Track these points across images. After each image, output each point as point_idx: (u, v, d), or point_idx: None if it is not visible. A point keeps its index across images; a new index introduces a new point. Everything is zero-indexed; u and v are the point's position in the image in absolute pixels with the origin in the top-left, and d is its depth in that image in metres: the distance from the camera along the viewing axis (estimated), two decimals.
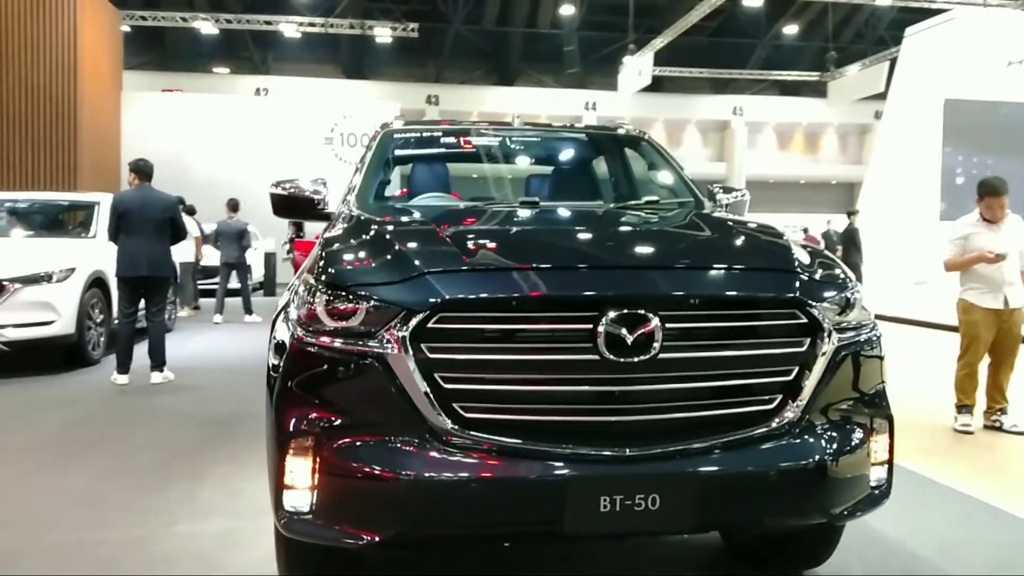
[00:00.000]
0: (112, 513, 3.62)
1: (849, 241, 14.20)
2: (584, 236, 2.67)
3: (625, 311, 2.02)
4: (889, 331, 2.58)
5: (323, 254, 2.35)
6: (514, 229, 2.76)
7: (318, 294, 2.15)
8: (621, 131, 4.28)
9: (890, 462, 2.36)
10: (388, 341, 2.01)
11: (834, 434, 2.23)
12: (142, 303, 6.77)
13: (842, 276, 2.40)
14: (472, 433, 2.02)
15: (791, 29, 31.26)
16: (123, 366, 6.63)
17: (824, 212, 24.71)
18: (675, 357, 2.07)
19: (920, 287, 14.47)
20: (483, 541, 2.53)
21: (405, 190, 3.91)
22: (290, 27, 25.49)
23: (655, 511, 2.01)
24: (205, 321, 11.54)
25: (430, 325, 2.01)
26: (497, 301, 2.05)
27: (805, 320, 2.19)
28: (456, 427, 2.02)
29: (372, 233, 2.50)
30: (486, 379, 2.03)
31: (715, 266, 2.31)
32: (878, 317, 2.61)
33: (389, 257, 2.25)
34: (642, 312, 2.03)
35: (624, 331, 2.01)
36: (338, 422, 2.07)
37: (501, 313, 2.05)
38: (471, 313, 2.04)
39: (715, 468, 2.08)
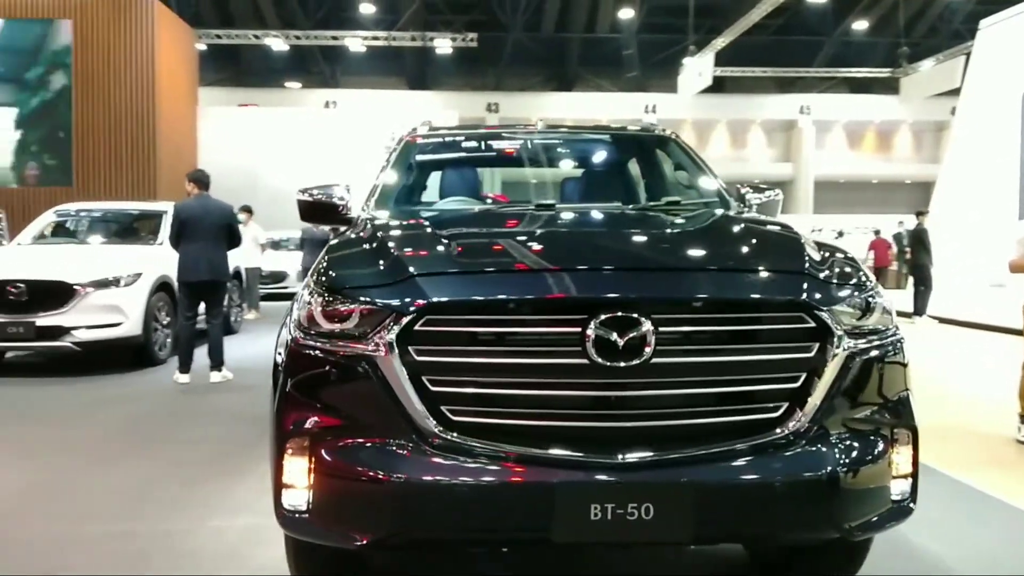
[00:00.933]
0: (152, 506, 3.78)
1: (918, 242, 13.67)
2: (584, 238, 2.63)
3: (616, 314, 1.96)
4: (962, 336, 2.49)
5: (324, 258, 2.40)
6: (514, 232, 2.70)
7: (315, 297, 2.18)
8: (648, 132, 4.19)
9: (914, 475, 2.24)
10: (377, 343, 2.01)
11: (847, 445, 2.11)
12: (202, 306, 7.11)
13: (860, 278, 2.30)
14: (460, 437, 2.00)
15: (860, 24, 30.33)
16: (185, 366, 6.98)
17: (898, 213, 23.86)
18: (671, 362, 2.00)
19: (996, 290, 13.83)
20: (472, 546, 2.50)
21: (428, 194, 3.97)
22: (355, 41, 26.18)
23: (649, 521, 1.93)
24: (273, 324, 11.94)
25: (417, 327, 2.00)
26: (484, 303, 2.04)
27: (813, 324, 2.08)
28: (443, 430, 2.00)
29: (372, 237, 2.52)
30: (474, 382, 2.01)
31: (716, 268, 2.26)
32: (950, 321, 2.51)
33: (383, 261, 2.26)
34: (634, 315, 1.97)
35: (615, 335, 1.95)
36: (333, 423, 2.09)
37: (488, 316, 2.03)
38: (458, 316, 2.03)
39: (713, 478, 1.99)
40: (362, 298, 2.10)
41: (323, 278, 2.25)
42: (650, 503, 1.93)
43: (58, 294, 7.01)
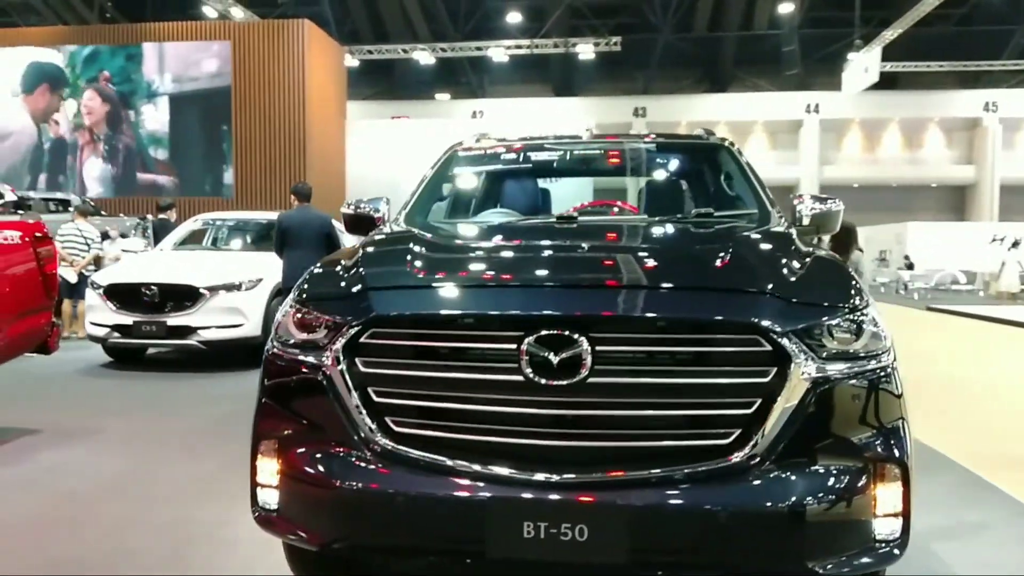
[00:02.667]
0: (215, 496, 3.82)
1: None
2: (555, 254, 2.57)
3: (550, 332, 1.93)
4: None
5: (311, 269, 2.49)
6: (484, 248, 2.72)
7: (288, 308, 2.28)
8: (699, 140, 3.95)
9: (905, 514, 2.00)
10: (329, 354, 2.09)
11: (812, 477, 1.95)
12: None
13: (847, 300, 2.11)
14: (401, 448, 2.03)
15: None
16: None
17: None
18: (609, 382, 1.93)
19: None
20: (411, 557, 2.45)
21: (462, 207, 3.90)
22: (498, 51, 26.53)
23: (583, 543, 1.89)
24: None
25: (363, 340, 2.06)
26: (425, 318, 2.08)
27: (769, 348, 1.94)
28: (386, 440, 2.04)
29: (354, 251, 2.57)
30: (415, 395, 2.05)
31: (666, 286, 2.14)
32: None
33: (348, 274, 2.32)
34: (568, 333, 1.93)
35: (549, 353, 1.93)
36: (296, 429, 2.18)
37: (429, 330, 2.06)
38: (401, 329, 2.07)
39: (651, 503, 1.90)
40: (322, 310, 2.18)
41: (297, 290, 2.34)
42: (584, 524, 1.90)
43: (187, 296, 7.43)
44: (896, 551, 1.99)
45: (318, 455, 2.10)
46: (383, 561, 2.87)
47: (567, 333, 1.93)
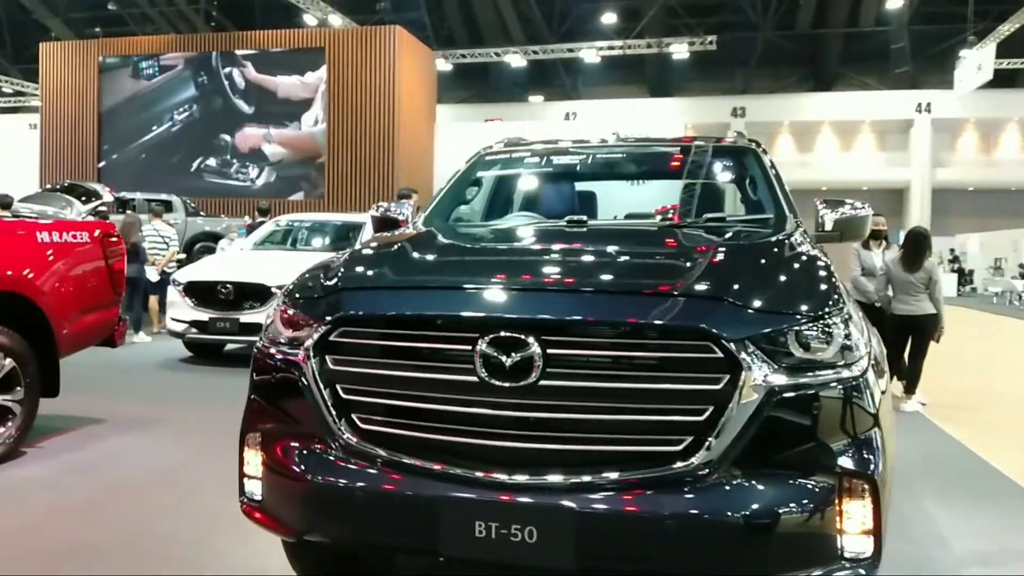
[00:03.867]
0: None
1: None
2: (520, 259, 2.65)
3: (502, 334, 1.96)
4: None
5: (304, 269, 2.58)
6: (465, 251, 2.77)
7: (278, 306, 2.38)
8: (725, 144, 3.90)
9: (876, 532, 1.92)
10: (303, 351, 2.17)
11: (766, 489, 1.91)
12: None
13: (810, 308, 2.04)
14: (365, 444, 2.09)
15: None
16: None
17: None
18: (559, 385, 1.94)
19: None
20: (372, 551, 2.55)
21: (483, 209, 3.97)
22: (590, 52, 26.37)
23: (532, 545, 1.91)
24: None
25: (332, 338, 2.14)
26: (387, 318, 2.15)
27: (721, 355, 1.90)
28: (351, 437, 2.10)
29: (355, 250, 2.66)
30: (379, 393, 2.10)
31: (621, 291, 2.13)
32: None
33: (330, 274, 2.39)
34: (519, 336, 1.95)
35: (501, 355, 1.95)
36: (276, 423, 2.28)
37: (391, 330, 2.12)
38: (366, 328, 2.15)
39: (599, 508, 1.90)
40: (301, 309, 2.28)
41: (286, 290, 2.45)
42: (533, 527, 1.91)
43: (258, 294, 7.75)
44: (866, 571, 1.92)
45: (293, 449, 2.19)
46: (380, 560, 2.97)
47: (518, 336, 1.95)
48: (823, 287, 2.19)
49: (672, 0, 27.90)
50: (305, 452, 2.16)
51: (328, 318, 2.15)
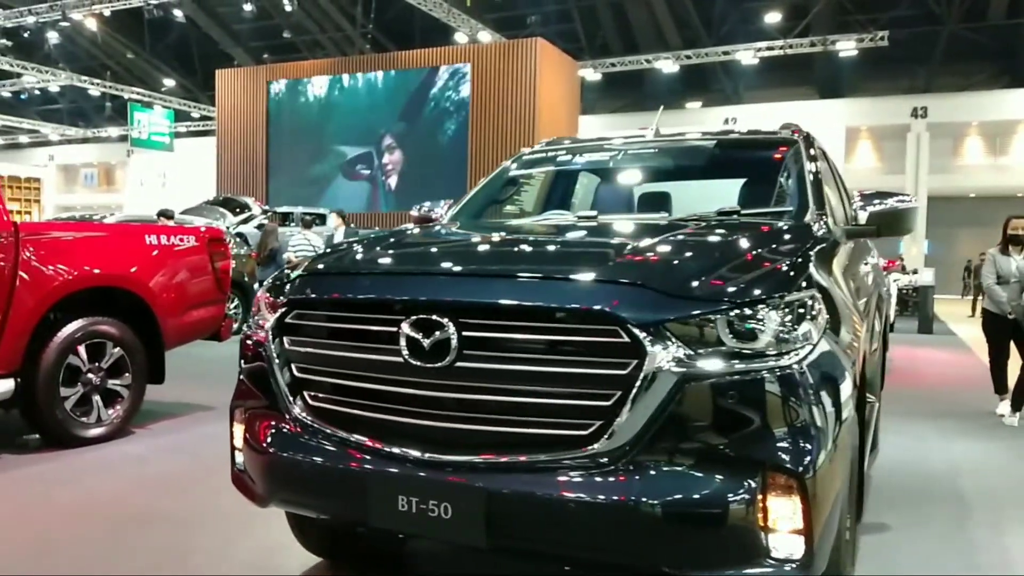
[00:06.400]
0: None
1: None
2: (469, 248, 2.76)
3: (421, 316, 2.05)
4: None
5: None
6: (426, 242, 2.86)
7: (263, 291, 2.53)
8: (764, 136, 3.83)
9: (807, 532, 1.83)
10: (266, 332, 2.37)
11: (675, 478, 1.87)
12: None
13: (742, 295, 1.96)
14: (313, 420, 2.26)
15: None
16: None
17: None
18: (474, 367, 2.01)
19: None
20: (322, 520, 2.70)
21: (514, 207, 4.05)
22: (747, 54, 25.36)
23: (447, 520, 2.00)
24: None
25: (288, 320, 2.32)
26: (329, 301, 2.30)
27: (627, 340, 1.88)
28: (302, 413, 2.27)
29: (336, 243, 2.79)
30: (324, 371, 2.26)
31: (539, 275, 2.11)
32: None
33: (307, 262, 2.57)
34: (435, 318, 2.03)
35: (420, 336, 2.04)
36: (251, 399, 2.47)
37: (333, 312, 2.27)
38: (313, 310, 2.31)
39: (507, 487, 1.95)
40: (271, 294, 2.45)
41: (272, 277, 2.62)
42: (448, 503, 2.00)
43: None
44: (793, 574, 1.84)
45: (260, 424, 2.39)
46: (381, 538, 3.11)
47: (435, 318, 2.03)
48: (771, 276, 2.10)
49: None
50: (269, 426, 2.35)
51: (286, 301, 2.34)
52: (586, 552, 1.96)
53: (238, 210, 12.64)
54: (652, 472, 1.88)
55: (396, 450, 2.10)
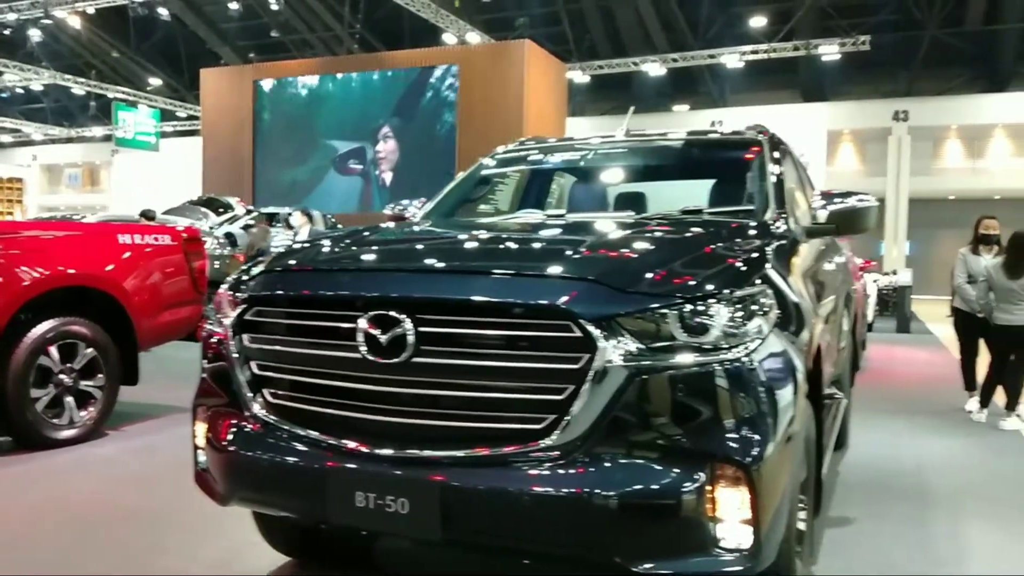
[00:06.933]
0: None
1: None
2: (430, 245, 2.77)
3: (378, 312, 2.06)
4: None
5: None
6: (386, 240, 2.84)
7: (224, 288, 2.52)
8: (729, 136, 3.89)
9: (755, 523, 1.88)
10: (227, 328, 2.37)
11: (626, 470, 1.91)
12: None
13: (691, 290, 2.00)
14: (273, 417, 2.26)
15: None
16: None
17: None
18: (431, 362, 2.02)
19: None
20: (284, 518, 2.69)
21: (484, 206, 4.07)
22: (732, 58, 25.50)
23: (404, 515, 2.02)
24: None
25: (248, 317, 2.32)
26: (288, 297, 2.30)
27: (580, 334, 1.91)
28: (263, 410, 2.28)
29: (300, 240, 2.80)
30: (284, 368, 2.26)
31: (489, 271, 2.14)
32: None
33: (267, 259, 2.58)
34: (393, 314, 2.04)
35: (378, 332, 2.05)
36: (213, 397, 2.47)
37: (292, 308, 2.28)
38: (274, 307, 2.32)
39: (461, 482, 1.99)
40: (232, 290, 2.45)
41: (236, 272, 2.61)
42: (405, 498, 2.01)
43: None
44: (741, 564, 1.89)
45: (221, 421, 2.39)
46: (346, 536, 3.10)
47: (393, 314, 2.04)
48: (724, 272, 2.14)
49: (824, 0, 26.46)
50: (229, 424, 2.35)
51: (245, 297, 2.34)
52: (539, 544, 2.00)
53: (221, 210, 12.60)
54: (604, 464, 1.92)
55: (354, 446, 2.12)
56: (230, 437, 2.33)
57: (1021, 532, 3.68)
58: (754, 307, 2.05)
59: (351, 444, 2.12)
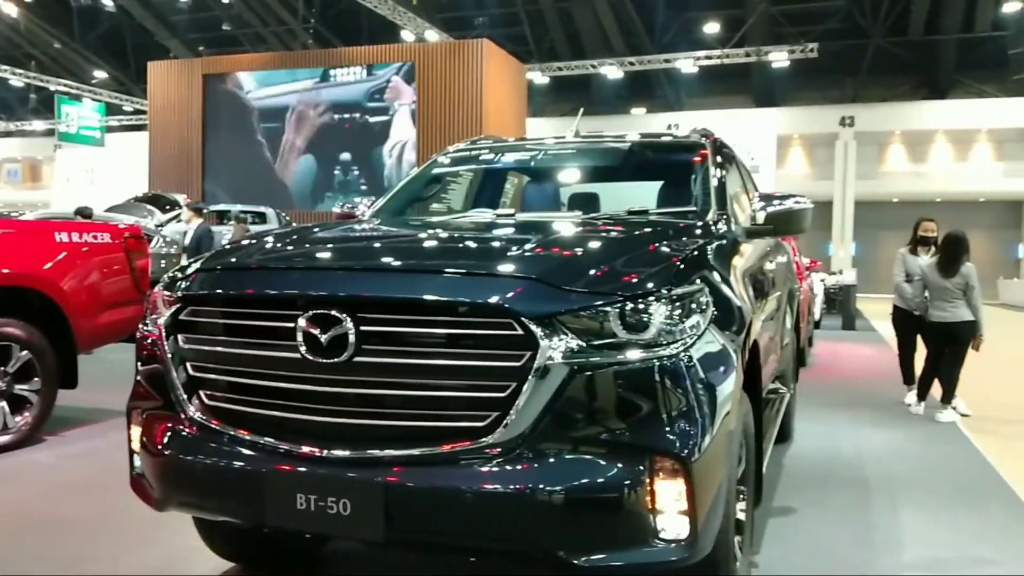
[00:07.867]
0: None
1: None
2: (371, 243, 2.75)
3: (317, 311, 2.03)
4: None
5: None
6: (327, 238, 2.77)
7: (158, 288, 2.46)
8: (674, 140, 4.03)
9: (692, 514, 1.93)
10: (160, 328, 2.30)
11: (566, 465, 1.93)
12: None
13: (629, 288, 2.04)
14: (210, 419, 2.21)
15: None
16: None
17: None
18: (372, 361, 2.00)
19: None
20: (219, 521, 2.63)
21: (434, 205, 4.06)
22: (687, 63, 25.85)
23: (346, 517, 1.99)
24: None
25: (182, 317, 2.26)
26: (223, 297, 2.25)
27: (521, 332, 1.92)
28: (199, 413, 2.23)
29: (237, 240, 2.78)
30: (220, 370, 2.22)
31: (432, 270, 2.15)
32: None
33: (203, 257, 2.53)
34: (332, 313, 2.01)
35: (317, 331, 2.02)
36: (147, 399, 2.40)
37: (228, 308, 2.23)
38: (208, 307, 2.27)
39: (404, 481, 1.97)
40: (166, 289, 2.38)
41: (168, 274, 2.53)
42: (347, 499, 1.99)
43: None
44: (680, 554, 1.93)
45: (156, 425, 2.33)
46: (290, 540, 3.04)
47: (333, 313, 2.01)
48: (663, 271, 2.16)
49: (775, 8, 27.02)
50: (165, 428, 2.29)
51: (179, 296, 2.28)
52: (483, 541, 2.00)
53: (168, 207, 12.30)
54: (547, 460, 1.93)
55: (294, 448, 2.08)
56: (165, 441, 2.27)
57: (952, 519, 3.81)
58: (692, 305, 2.08)
59: (290, 446, 2.08)
